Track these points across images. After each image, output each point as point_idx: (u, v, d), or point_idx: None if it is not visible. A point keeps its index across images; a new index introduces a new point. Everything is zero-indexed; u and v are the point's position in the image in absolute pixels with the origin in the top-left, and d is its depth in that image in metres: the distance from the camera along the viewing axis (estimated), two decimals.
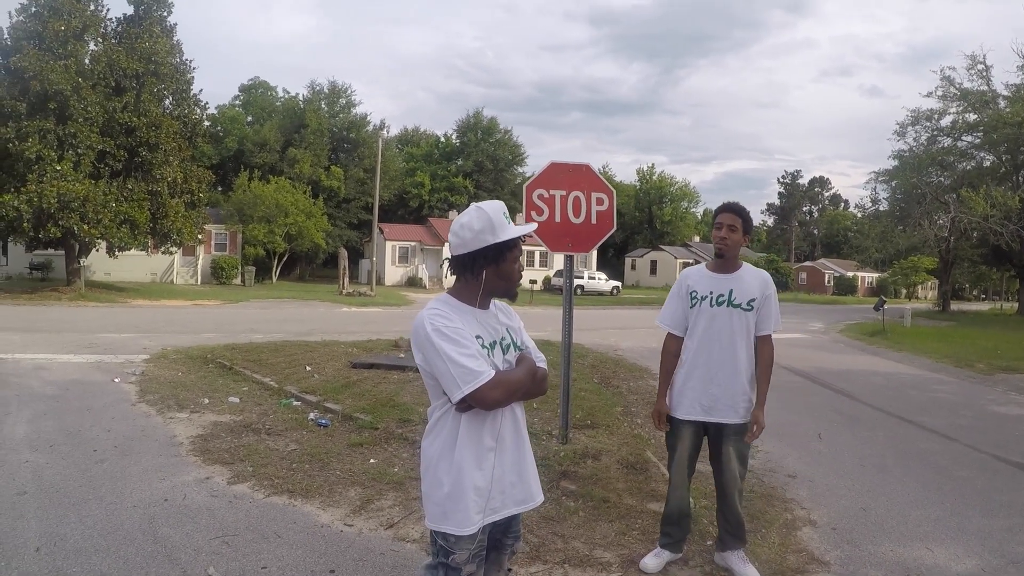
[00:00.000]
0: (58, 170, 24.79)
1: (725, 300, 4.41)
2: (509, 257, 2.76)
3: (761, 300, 4.44)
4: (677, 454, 4.58)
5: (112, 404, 8.76)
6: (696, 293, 4.49)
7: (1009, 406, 11.59)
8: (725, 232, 4.38)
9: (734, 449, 4.47)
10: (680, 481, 4.60)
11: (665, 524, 4.70)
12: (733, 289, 4.42)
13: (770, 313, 4.48)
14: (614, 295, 54.03)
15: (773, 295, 4.51)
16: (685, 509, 4.66)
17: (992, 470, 7.58)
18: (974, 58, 40.22)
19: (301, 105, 62.26)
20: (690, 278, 4.58)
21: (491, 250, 2.72)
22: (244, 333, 16.90)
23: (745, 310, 4.41)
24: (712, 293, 4.44)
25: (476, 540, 2.75)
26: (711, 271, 4.53)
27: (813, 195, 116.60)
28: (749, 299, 4.41)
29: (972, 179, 41.03)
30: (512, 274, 2.80)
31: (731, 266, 4.49)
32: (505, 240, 2.72)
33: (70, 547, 4.54)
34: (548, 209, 6.66)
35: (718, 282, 4.46)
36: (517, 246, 2.78)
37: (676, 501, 4.62)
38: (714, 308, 4.42)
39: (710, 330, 4.43)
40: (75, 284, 28.44)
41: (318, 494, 5.76)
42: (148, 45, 28.65)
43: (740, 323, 4.41)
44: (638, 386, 11.59)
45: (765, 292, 4.46)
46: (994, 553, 5.20)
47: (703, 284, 4.49)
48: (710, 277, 4.51)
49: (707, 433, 4.56)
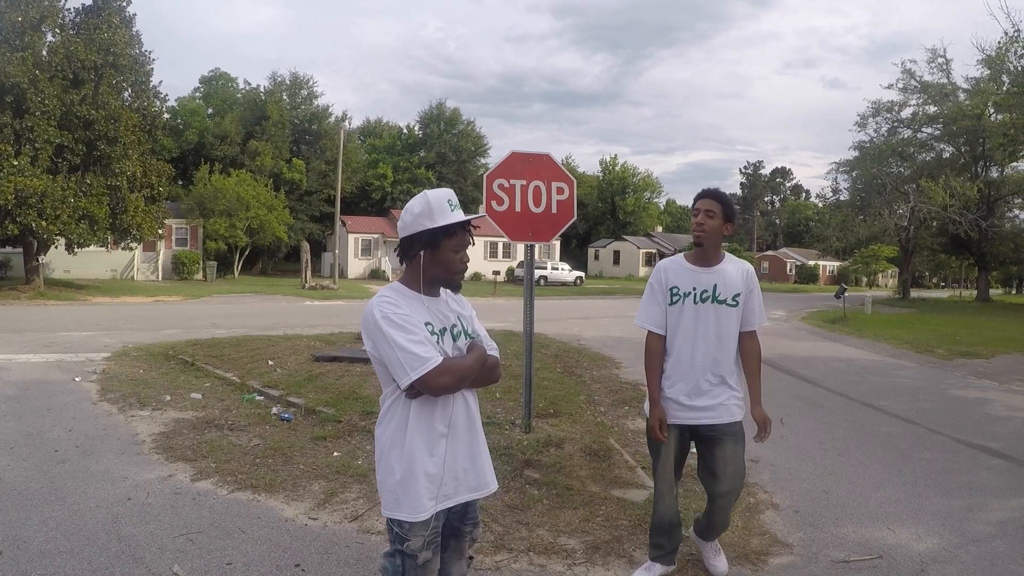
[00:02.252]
0: (15, 165, 24.27)
1: (710, 296, 4.11)
2: (445, 244, 2.78)
3: (746, 294, 4.18)
4: (661, 460, 4.24)
5: (73, 403, 8.66)
6: (677, 289, 4.16)
7: (968, 390, 11.79)
8: (702, 217, 4.08)
9: (732, 450, 4.16)
10: (667, 488, 4.26)
11: (654, 535, 4.37)
12: (717, 284, 4.11)
13: (755, 307, 4.23)
14: (577, 285, 54.16)
15: (757, 288, 4.26)
16: (675, 518, 4.32)
17: (952, 452, 7.72)
18: (935, 52, 41.10)
19: (262, 97, 61.43)
20: (668, 272, 4.23)
21: (427, 234, 2.75)
22: (206, 329, 16.75)
23: (731, 306, 4.13)
24: (695, 289, 4.12)
25: (430, 527, 2.78)
26: (691, 264, 4.19)
27: (775, 185, 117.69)
28: (734, 294, 4.13)
29: (932, 170, 41.84)
30: (450, 262, 2.81)
31: (712, 258, 4.17)
32: (442, 226, 2.74)
33: (33, 550, 4.49)
34: (508, 199, 6.68)
35: (700, 276, 4.14)
36: (456, 235, 2.79)
37: (664, 510, 4.28)
38: (698, 305, 4.12)
39: (696, 329, 4.12)
40: (34, 282, 27.97)
41: (282, 489, 5.74)
42: (107, 36, 28.06)
43: (725, 319, 4.13)
44: (601, 375, 11.65)
45: (749, 285, 4.20)
46: (954, 532, 5.32)
47: (684, 279, 4.16)
48: (691, 271, 4.16)
49: (695, 438, 4.27)
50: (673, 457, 4.23)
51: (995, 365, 14.77)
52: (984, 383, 12.53)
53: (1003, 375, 13.39)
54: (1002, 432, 8.73)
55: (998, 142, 31.83)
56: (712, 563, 4.49)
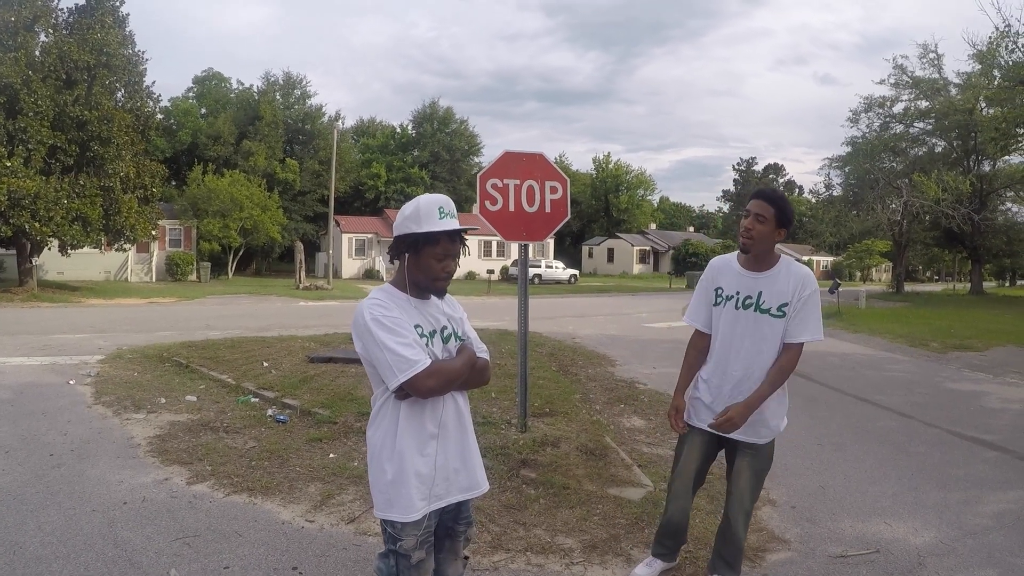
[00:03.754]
0: (8, 166, 24.21)
1: (753, 303, 3.87)
2: (427, 251, 2.77)
3: (796, 304, 3.81)
4: (682, 462, 4.12)
5: (68, 407, 8.63)
6: (721, 290, 3.99)
7: (963, 383, 11.84)
8: (751, 222, 3.80)
9: (748, 466, 3.97)
10: (682, 491, 4.12)
11: (661, 535, 4.29)
12: (763, 291, 3.85)
13: (806, 319, 3.83)
14: (571, 283, 54.24)
15: (811, 297, 3.83)
16: (684, 522, 4.20)
17: (948, 445, 7.76)
18: (926, 47, 41.28)
19: (255, 97, 61.37)
20: (717, 270, 4.06)
21: (410, 238, 2.77)
22: (200, 330, 16.73)
23: (775, 316, 3.83)
24: (739, 294, 3.91)
25: (423, 526, 2.80)
26: (742, 266, 3.95)
27: (768, 181, 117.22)
28: (781, 303, 3.82)
29: (924, 164, 42.00)
30: (431, 269, 2.80)
31: (764, 263, 3.89)
32: (424, 232, 2.74)
33: (29, 555, 4.47)
34: (502, 198, 6.67)
35: (747, 281, 3.91)
36: (440, 243, 2.78)
37: (675, 512, 4.15)
38: (739, 311, 3.90)
39: (731, 335, 3.93)
40: (27, 284, 27.90)
41: (278, 491, 5.73)
42: (100, 36, 28.03)
43: (768, 330, 3.85)
44: (596, 373, 11.65)
45: (801, 294, 3.81)
46: (951, 525, 5.34)
47: (730, 281, 3.96)
48: (738, 274, 3.94)
49: (724, 446, 4.11)
50: (695, 461, 4.09)
51: (989, 358, 14.82)
52: (979, 376, 12.58)
53: (997, 368, 13.44)
54: (997, 425, 8.77)
55: (990, 136, 32.02)
56: None
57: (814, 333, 3.84)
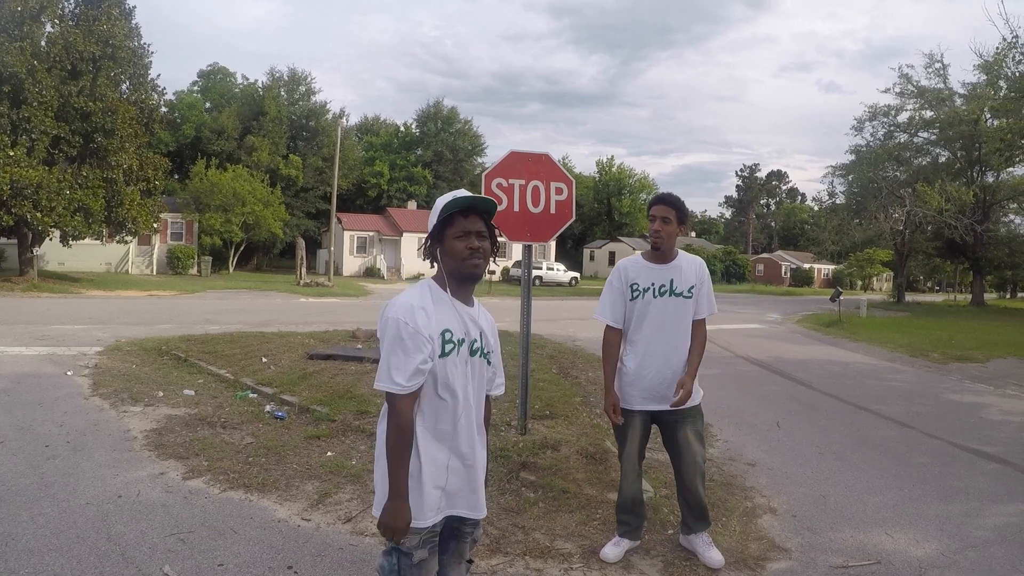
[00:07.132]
0: (11, 155, 24.21)
1: (667, 290, 4.50)
2: (447, 236, 2.76)
3: (698, 286, 4.55)
4: (628, 444, 4.61)
5: (64, 398, 8.59)
6: (637, 285, 4.54)
7: (964, 394, 11.79)
8: (659, 225, 4.44)
9: (692, 431, 4.55)
10: (632, 469, 4.64)
11: (620, 512, 4.72)
12: (673, 278, 4.50)
13: (707, 297, 4.61)
14: (572, 286, 54.21)
15: (707, 280, 4.64)
16: (638, 496, 4.68)
17: (948, 456, 7.71)
18: (932, 57, 41.20)
19: (260, 92, 61.40)
20: (629, 270, 4.61)
21: (433, 231, 2.78)
22: (200, 324, 16.68)
23: (686, 297, 4.52)
24: (654, 284, 4.50)
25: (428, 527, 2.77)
26: (649, 261, 4.58)
27: (771, 188, 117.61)
28: (689, 286, 4.51)
29: (927, 174, 41.95)
30: (456, 251, 2.75)
31: (669, 256, 4.55)
32: (440, 218, 2.77)
33: (22, 547, 4.43)
34: (507, 198, 6.63)
35: (658, 272, 4.52)
36: (456, 222, 2.75)
37: (629, 489, 4.65)
38: (658, 298, 4.50)
39: (658, 320, 4.50)
40: (28, 274, 27.88)
41: (275, 488, 5.69)
42: (106, 28, 28.02)
43: (683, 310, 4.52)
44: (597, 376, 11.57)
45: (701, 277, 4.58)
46: (952, 537, 5.29)
47: (643, 275, 4.54)
48: (649, 268, 4.56)
49: (657, 422, 4.64)
50: (637, 441, 4.61)
51: (990, 369, 14.77)
52: (979, 387, 12.53)
53: (998, 379, 13.38)
54: (998, 437, 8.73)
55: (994, 147, 31.92)
56: (707, 556, 4.58)
57: (711, 308, 4.64)
